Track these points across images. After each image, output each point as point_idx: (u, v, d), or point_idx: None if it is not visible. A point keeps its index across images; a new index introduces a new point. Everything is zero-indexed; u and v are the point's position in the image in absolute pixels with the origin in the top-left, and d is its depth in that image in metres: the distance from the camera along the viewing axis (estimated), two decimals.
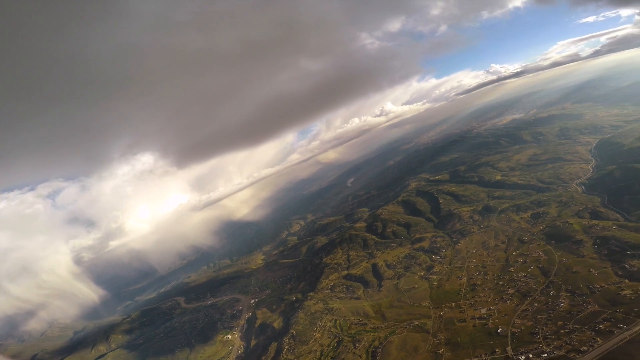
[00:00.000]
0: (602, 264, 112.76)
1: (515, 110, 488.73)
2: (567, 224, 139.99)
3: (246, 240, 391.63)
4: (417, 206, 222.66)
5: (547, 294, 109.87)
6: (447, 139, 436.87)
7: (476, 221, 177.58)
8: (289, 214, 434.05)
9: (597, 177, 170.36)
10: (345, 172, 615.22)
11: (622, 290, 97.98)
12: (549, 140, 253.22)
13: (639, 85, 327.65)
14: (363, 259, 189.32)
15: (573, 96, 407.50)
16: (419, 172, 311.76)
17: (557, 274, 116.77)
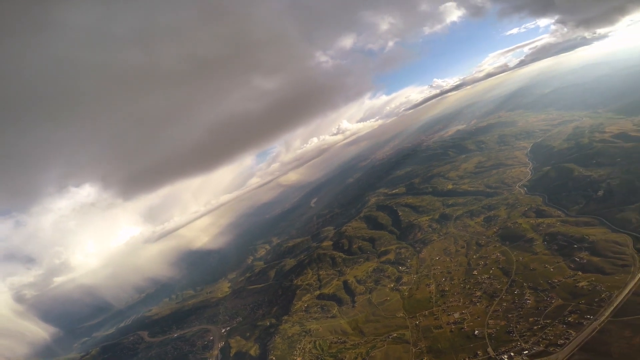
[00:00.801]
0: (555, 259, 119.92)
1: (458, 121, 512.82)
2: (517, 224, 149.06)
3: (209, 269, 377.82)
4: (379, 220, 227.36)
5: (512, 292, 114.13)
6: (400, 154, 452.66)
7: (435, 229, 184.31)
8: (253, 239, 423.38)
9: (536, 178, 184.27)
10: (308, 193, 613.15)
11: (579, 282, 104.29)
12: (491, 148, 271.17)
13: (559, 92, 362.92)
14: (333, 277, 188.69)
15: (506, 105, 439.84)
16: (377, 188, 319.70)
17: (517, 273, 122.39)
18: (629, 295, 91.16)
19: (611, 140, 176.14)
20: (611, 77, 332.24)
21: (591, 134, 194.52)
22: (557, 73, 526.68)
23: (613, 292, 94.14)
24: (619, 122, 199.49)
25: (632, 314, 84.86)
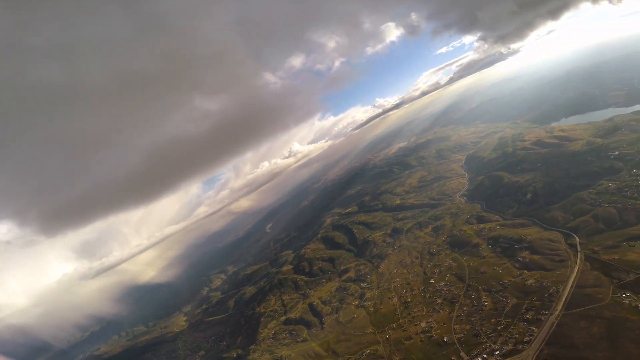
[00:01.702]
0: (501, 261, 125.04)
1: (400, 139, 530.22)
2: (462, 231, 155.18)
3: (160, 303, 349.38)
4: (336, 240, 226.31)
5: (470, 296, 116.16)
6: (350, 173, 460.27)
7: (389, 244, 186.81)
8: (206, 270, 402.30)
9: (473, 188, 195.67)
10: (262, 218, 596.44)
11: (527, 280, 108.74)
12: (430, 162, 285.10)
13: (483, 106, 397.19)
14: (298, 301, 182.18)
15: (440, 121, 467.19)
16: (331, 208, 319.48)
17: (470, 277, 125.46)
18: (573, 289, 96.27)
19: (531, 148, 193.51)
20: (524, 89, 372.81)
21: (514, 143, 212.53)
22: (481, 88, 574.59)
23: (559, 287, 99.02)
24: (535, 131, 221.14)
25: (581, 305, 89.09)
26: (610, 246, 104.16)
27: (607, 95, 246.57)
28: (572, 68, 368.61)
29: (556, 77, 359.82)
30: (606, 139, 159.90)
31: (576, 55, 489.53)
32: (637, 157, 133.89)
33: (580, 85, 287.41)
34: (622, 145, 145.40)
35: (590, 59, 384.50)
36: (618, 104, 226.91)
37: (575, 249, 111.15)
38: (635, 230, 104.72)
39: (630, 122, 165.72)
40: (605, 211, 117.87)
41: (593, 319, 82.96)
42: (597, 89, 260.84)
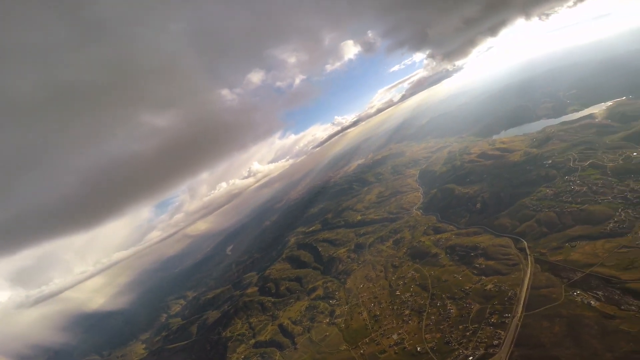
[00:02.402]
0: (460, 269, 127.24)
1: (359, 156, 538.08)
2: (421, 242, 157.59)
3: (114, 331, 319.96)
4: (302, 259, 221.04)
5: (436, 305, 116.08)
6: (312, 192, 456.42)
7: (354, 259, 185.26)
8: (163, 296, 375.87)
9: (427, 200, 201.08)
10: (222, 241, 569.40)
11: (486, 285, 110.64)
12: (387, 178, 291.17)
13: (432, 122, 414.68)
14: (267, 323, 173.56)
15: (395, 137, 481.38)
16: (295, 227, 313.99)
17: (433, 286, 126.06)
18: (529, 290, 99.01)
19: (476, 160, 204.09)
20: (468, 104, 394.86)
21: (461, 157, 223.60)
22: (430, 104, 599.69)
23: (516, 290, 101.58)
24: (479, 144, 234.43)
25: (539, 306, 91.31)
26: (555, 247, 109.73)
27: (538, 107, 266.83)
28: (508, 83, 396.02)
29: (495, 91, 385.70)
30: (540, 148, 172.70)
31: (511, 71, 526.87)
32: (567, 164, 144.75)
33: (515, 99, 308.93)
34: (554, 154, 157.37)
35: (523, 74, 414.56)
36: (548, 116, 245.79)
37: (525, 253, 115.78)
38: (574, 232, 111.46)
39: (559, 132, 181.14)
40: (546, 215, 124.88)
41: (553, 318, 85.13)
42: (530, 102, 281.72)
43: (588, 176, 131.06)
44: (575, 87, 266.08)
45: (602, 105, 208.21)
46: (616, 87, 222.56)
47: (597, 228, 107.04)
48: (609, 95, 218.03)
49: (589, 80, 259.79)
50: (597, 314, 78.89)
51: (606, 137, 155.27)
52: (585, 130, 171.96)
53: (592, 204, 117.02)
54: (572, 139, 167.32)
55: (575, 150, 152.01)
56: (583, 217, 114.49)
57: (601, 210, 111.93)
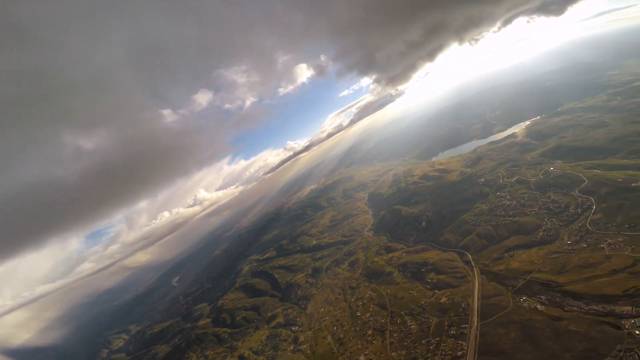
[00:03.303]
0: (413, 285, 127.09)
1: (311, 181, 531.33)
2: (375, 262, 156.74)
3: None
4: (258, 287, 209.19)
5: (396, 322, 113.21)
6: (265, 219, 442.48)
7: (312, 284, 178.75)
8: (101, 330, 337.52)
9: (377, 222, 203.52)
10: (167, 272, 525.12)
11: (440, 299, 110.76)
12: (339, 202, 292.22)
13: (378, 145, 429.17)
14: (225, 355, 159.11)
15: (344, 161, 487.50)
16: (248, 255, 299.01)
17: (392, 304, 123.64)
18: (480, 300, 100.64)
19: (419, 182, 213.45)
20: (410, 128, 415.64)
21: (405, 179, 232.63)
22: (376, 129, 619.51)
23: (468, 301, 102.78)
24: (421, 166, 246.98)
25: (492, 314, 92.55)
26: (496, 258, 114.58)
27: (469, 129, 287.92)
28: (443, 106, 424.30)
29: (432, 115, 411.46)
30: (474, 168, 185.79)
31: (446, 94, 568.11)
32: (497, 181, 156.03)
33: (450, 122, 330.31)
34: (486, 173, 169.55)
35: (456, 97, 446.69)
36: (478, 137, 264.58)
37: (471, 265, 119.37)
38: (511, 242, 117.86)
39: (488, 152, 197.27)
40: (485, 229, 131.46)
41: (507, 325, 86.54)
42: (462, 124, 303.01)
43: (516, 191, 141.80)
44: (499, 108, 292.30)
45: (522, 125, 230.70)
46: (532, 107, 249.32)
47: (529, 237, 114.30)
48: (527, 115, 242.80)
49: (510, 102, 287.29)
50: (545, 317, 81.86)
51: (527, 154, 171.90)
52: (510, 149, 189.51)
53: (522, 216, 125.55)
54: (499, 157, 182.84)
55: (503, 168, 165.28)
56: (516, 228, 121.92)
57: (530, 221, 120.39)
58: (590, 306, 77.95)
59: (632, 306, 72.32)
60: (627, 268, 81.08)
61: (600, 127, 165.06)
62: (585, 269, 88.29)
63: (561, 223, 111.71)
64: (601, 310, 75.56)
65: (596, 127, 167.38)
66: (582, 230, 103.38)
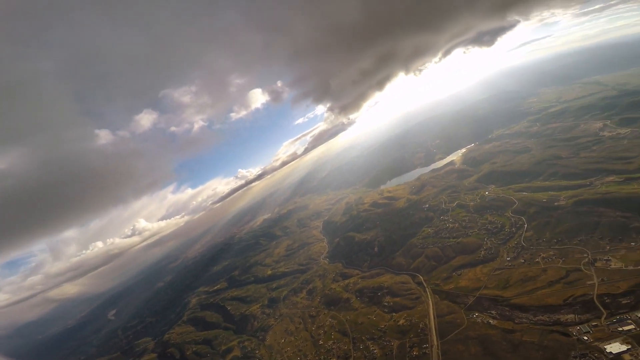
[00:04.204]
0: (371, 310, 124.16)
1: (264, 210, 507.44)
2: (332, 289, 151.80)
3: None
4: (209, 319, 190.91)
5: (359, 348, 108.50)
6: (214, 249, 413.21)
7: (269, 314, 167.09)
8: None
9: (332, 249, 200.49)
10: (101, 305, 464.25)
11: (398, 321, 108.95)
12: (294, 231, 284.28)
13: (331, 174, 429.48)
14: None
15: (299, 190, 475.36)
16: (196, 287, 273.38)
17: (352, 330, 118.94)
18: (436, 319, 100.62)
19: (370, 209, 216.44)
20: (360, 157, 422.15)
21: (357, 207, 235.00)
22: (329, 158, 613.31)
23: (425, 321, 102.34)
24: (370, 194, 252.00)
25: (450, 332, 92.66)
26: (446, 278, 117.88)
27: (413, 157, 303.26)
28: (390, 135, 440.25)
29: (380, 144, 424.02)
30: (418, 194, 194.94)
31: (392, 124, 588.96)
32: (440, 206, 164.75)
33: (396, 151, 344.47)
34: (430, 199, 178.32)
35: (401, 127, 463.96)
36: (421, 165, 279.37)
37: (423, 286, 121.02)
38: (457, 262, 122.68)
39: (431, 179, 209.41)
40: (432, 251, 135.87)
41: (465, 341, 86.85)
42: (407, 153, 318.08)
43: (457, 214, 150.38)
44: (439, 137, 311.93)
45: (459, 152, 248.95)
46: (467, 135, 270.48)
47: (473, 256, 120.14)
48: (463, 143, 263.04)
49: (448, 130, 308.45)
50: (499, 330, 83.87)
51: (465, 180, 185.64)
52: (450, 176, 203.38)
53: (465, 237, 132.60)
54: (440, 184, 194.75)
55: (444, 194, 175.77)
56: (460, 249, 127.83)
57: (472, 241, 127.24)
58: (537, 317, 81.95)
59: (574, 314, 77.47)
60: (562, 279, 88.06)
61: (525, 152, 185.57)
62: (526, 282, 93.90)
63: (499, 242, 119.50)
64: (548, 320, 79.64)
65: (521, 152, 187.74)
66: (518, 247, 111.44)
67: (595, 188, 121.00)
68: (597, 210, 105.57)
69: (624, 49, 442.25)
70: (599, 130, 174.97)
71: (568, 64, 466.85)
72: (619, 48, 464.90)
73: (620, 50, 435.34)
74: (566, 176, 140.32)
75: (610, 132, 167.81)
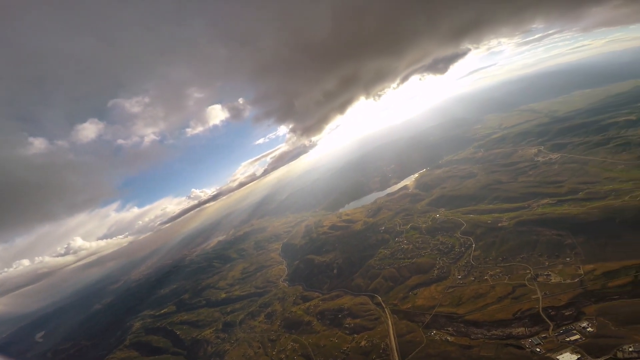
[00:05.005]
0: (333, 332, 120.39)
1: (219, 232, 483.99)
2: (293, 312, 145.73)
3: None
4: (155, 344, 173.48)
5: None
6: (161, 271, 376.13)
7: (224, 339, 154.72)
8: None
9: (292, 272, 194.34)
10: (27, 326, 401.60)
11: (360, 343, 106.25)
12: (250, 254, 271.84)
13: (291, 197, 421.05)
14: None
15: (257, 212, 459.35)
16: (140, 311, 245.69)
17: (315, 354, 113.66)
18: (397, 339, 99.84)
19: (329, 232, 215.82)
20: (320, 180, 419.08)
21: (316, 229, 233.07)
22: (289, 180, 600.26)
23: (386, 341, 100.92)
24: (329, 217, 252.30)
25: (411, 351, 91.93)
26: (403, 297, 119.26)
27: (370, 181, 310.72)
28: (349, 159, 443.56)
29: (339, 168, 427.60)
30: (375, 217, 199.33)
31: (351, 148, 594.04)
32: (395, 228, 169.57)
33: (354, 175, 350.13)
34: (386, 221, 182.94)
35: (360, 150, 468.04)
36: (377, 189, 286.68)
37: (382, 307, 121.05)
38: (412, 282, 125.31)
39: (386, 203, 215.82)
40: (389, 272, 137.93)
41: (426, 359, 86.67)
42: (363, 177, 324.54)
43: (411, 236, 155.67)
44: (393, 162, 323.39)
45: (412, 177, 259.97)
46: (420, 160, 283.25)
47: (427, 275, 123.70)
48: (416, 168, 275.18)
49: (403, 156, 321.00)
50: (457, 346, 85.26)
51: (417, 203, 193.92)
52: (403, 200, 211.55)
53: (419, 257, 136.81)
54: (395, 207, 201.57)
55: (399, 217, 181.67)
56: (415, 269, 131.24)
57: (426, 261, 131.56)
58: (491, 332, 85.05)
59: (524, 327, 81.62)
60: (510, 294, 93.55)
61: (471, 177, 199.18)
62: (477, 299, 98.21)
63: (450, 261, 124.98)
64: (502, 334, 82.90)
65: (468, 177, 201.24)
66: (468, 266, 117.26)
67: (532, 210, 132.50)
68: (536, 229, 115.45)
69: (556, 77, 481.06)
70: (534, 155, 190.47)
71: (510, 91, 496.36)
72: (552, 76, 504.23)
73: (553, 79, 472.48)
74: (507, 199, 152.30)
75: (543, 157, 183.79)
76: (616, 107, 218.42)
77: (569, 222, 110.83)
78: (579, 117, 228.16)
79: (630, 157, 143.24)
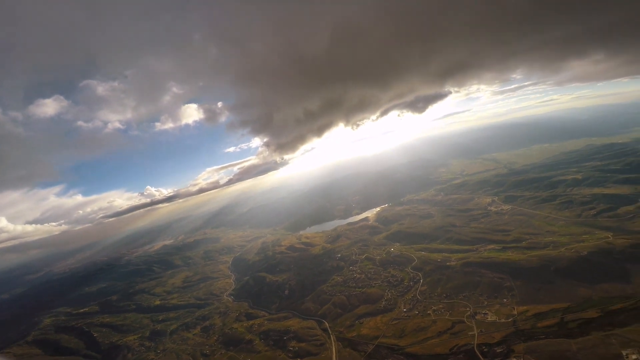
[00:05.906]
0: (275, 353, 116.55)
1: (166, 236, 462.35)
2: (234, 329, 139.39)
3: None
4: (64, 344, 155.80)
5: None
6: (91, 267, 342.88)
7: (149, 347, 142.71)
8: None
9: (239, 287, 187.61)
10: None
11: None
12: (197, 263, 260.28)
13: (252, 211, 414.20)
14: None
15: (212, 221, 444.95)
16: (55, 306, 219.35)
17: None
18: None
19: (286, 252, 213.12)
20: (285, 199, 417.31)
21: (273, 248, 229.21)
22: (253, 194, 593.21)
23: None
24: (289, 237, 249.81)
25: None
26: (349, 325, 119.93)
27: (334, 208, 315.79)
28: (317, 183, 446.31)
29: (307, 190, 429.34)
30: (333, 244, 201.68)
31: (322, 172, 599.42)
32: (351, 257, 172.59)
33: (319, 199, 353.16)
34: (343, 249, 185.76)
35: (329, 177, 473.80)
36: (340, 217, 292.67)
37: (328, 333, 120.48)
38: (360, 310, 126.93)
39: (346, 231, 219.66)
40: (339, 299, 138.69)
41: None
42: (328, 203, 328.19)
43: (365, 266, 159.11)
44: (359, 193, 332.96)
45: (374, 210, 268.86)
46: (383, 195, 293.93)
47: (375, 306, 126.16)
48: (378, 202, 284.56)
49: (368, 189, 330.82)
50: None
51: (375, 236, 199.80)
52: (363, 231, 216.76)
53: (369, 287, 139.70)
54: (354, 237, 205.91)
55: (356, 246, 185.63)
56: (364, 298, 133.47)
57: (375, 292, 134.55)
58: None
59: None
60: (449, 330, 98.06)
61: (428, 217, 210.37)
62: (419, 332, 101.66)
63: (398, 294, 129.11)
64: None
65: (425, 217, 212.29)
66: (414, 300, 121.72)
67: (479, 253, 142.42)
68: (480, 271, 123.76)
69: (521, 129, 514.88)
70: (488, 205, 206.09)
71: (477, 138, 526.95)
72: (517, 128, 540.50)
73: (518, 130, 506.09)
74: (458, 241, 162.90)
75: (496, 207, 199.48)
76: (567, 165, 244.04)
77: (510, 267, 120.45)
78: (533, 171, 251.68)
79: (571, 215, 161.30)
